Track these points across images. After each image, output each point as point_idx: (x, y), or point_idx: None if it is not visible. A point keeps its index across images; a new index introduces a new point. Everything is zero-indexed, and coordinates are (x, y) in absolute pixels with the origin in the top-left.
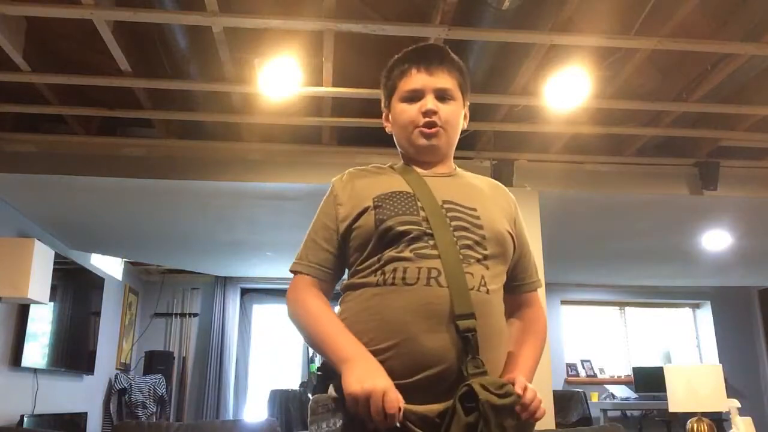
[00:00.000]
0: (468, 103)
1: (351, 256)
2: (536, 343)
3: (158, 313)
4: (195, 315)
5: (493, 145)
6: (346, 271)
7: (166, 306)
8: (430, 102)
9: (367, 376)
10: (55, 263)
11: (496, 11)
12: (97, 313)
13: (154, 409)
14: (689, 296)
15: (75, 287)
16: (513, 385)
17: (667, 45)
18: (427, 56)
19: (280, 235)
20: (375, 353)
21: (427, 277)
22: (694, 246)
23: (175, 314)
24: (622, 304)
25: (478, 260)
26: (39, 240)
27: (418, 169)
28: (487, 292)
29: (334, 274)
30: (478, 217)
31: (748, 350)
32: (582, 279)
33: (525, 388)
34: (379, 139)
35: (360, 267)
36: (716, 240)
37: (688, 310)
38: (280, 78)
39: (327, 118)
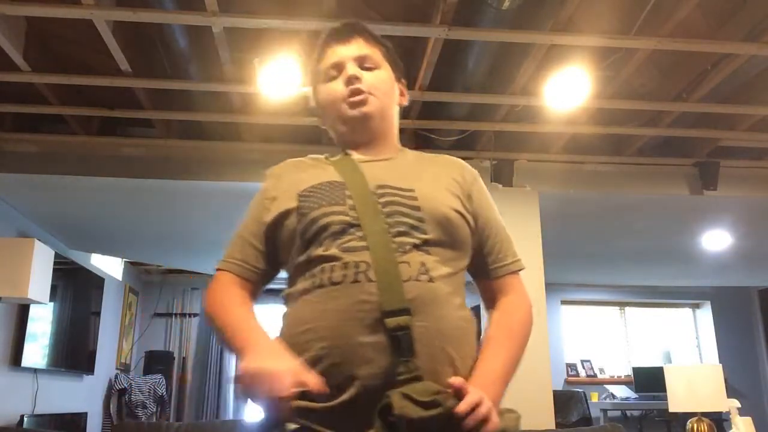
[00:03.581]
0: (403, 81)
1: (282, 261)
2: (507, 339)
3: (158, 313)
4: (195, 315)
5: (493, 145)
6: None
7: (166, 306)
8: (350, 68)
9: (269, 356)
10: (55, 263)
11: (496, 11)
12: (97, 313)
13: (154, 409)
14: (689, 296)
15: (75, 287)
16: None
17: (667, 45)
18: (340, 31)
19: None
20: (311, 367)
21: (355, 273)
22: (694, 246)
23: (175, 314)
24: (622, 304)
25: (416, 246)
26: (39, 240)
27: (356, 156)
28: (430, 279)
29: (260, 273)
30: (415, 198)
31: (748, 350)
32: (582, 279)
33: (463, 394)
34: None
35: (291, 271)
36: (716, 240)
37: (688, 310)
38: (280, 78)
39: None
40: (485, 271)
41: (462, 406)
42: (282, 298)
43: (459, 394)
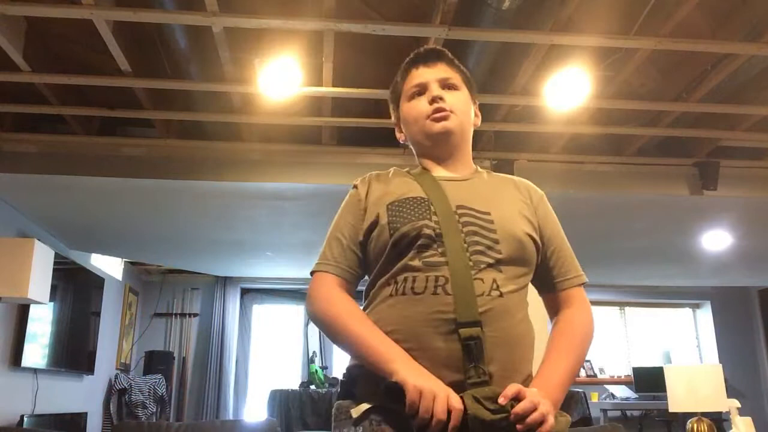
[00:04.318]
0: (477, 103)
1: (370, 264)
2: (567, 348)
3: (158, 313)
4: (195, 315)
5: (493, 145)
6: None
7: (166, 306)
8: (435, 89)
9: (428, 376)
10: (55, 263)
11: (496, 11)
12: (97, 313)
13: (154, 409)
14: (689, 296)
15: (75, 287)
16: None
17: (667, 45)
18: (425, 54)
19: (280, 235)
20: None
21: (435, 286)
22: (694, 246)
23: (175, 314)
24: (622, 304)
25: (490, 265)
26: (39, 240)
27: (436, 171)
28: (500, 295)
29: (357, 275)
30: (491, 221)
31: (748, 350)
32: None
33: (519, 398)
34: (379, 139)
35: (376, 276)
36: (716, 240)
37: (688, 310)
38: (280, 78)
39: (327, 118)
40: (550, 284)
41: (520, 408)
42: (365, 296)
43: (517, 399)
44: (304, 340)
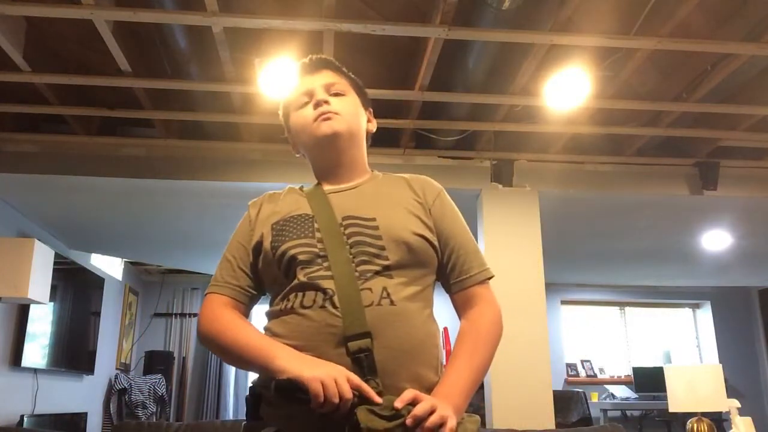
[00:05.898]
0: (370, 109)
1: (265, 284)
2: (470, 352)
3: (158, 313)
4: (195, 315)
5: (493, 145)
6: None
7: (166, 306)
8: (319, 94)
9: (319, 363)
10: (55, 263)
11: (496, 11)
12: (97, 313)
13: (154, 409)
14: (689, 296)
15: (75, 287)
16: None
17: (667, 45)
18: (310, 64)
19: None
20: None
21: (323, 299)
22: (694, 246)
23: (175, 314)
24: (622, 304)
25: (378, 273)
26: (39, 240)
27: (327, 184)
28: (392, 303)
29: (249, 295)
30: (376, 227)
31: (748, 350)
32: (582, 279)
33: (415, 403)
34: (378, 140)
35: (272, 297)
36: (716, 240)
37: (688, 310)
38: (280, 78)
39: None
40: (450, 284)
41: (417, 411)
42: (265, 315)
43: (414, 404)
44: None
